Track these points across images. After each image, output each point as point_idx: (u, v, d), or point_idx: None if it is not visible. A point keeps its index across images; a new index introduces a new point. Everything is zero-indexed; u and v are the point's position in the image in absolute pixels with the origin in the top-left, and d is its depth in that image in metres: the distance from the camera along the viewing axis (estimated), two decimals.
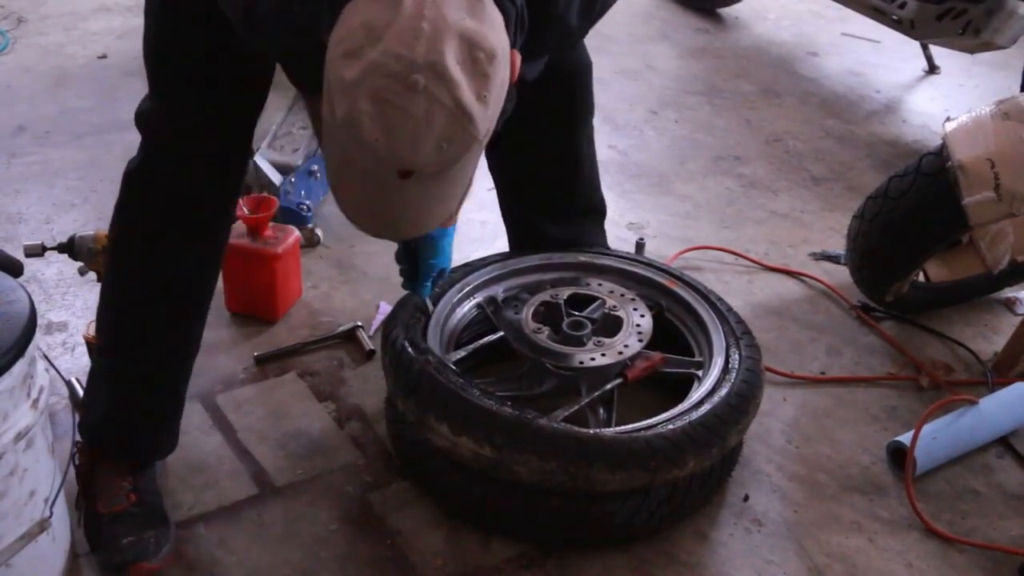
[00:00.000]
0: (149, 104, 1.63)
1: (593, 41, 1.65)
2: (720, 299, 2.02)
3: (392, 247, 1.81)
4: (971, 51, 3.33)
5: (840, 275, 2.53)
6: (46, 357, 1.59)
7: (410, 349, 1.76)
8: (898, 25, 3.30)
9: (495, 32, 1.12)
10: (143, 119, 1.65)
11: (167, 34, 1.58)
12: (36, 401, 1.45)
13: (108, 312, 1.73)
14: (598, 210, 2.24)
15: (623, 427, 1.70)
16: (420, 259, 1.77)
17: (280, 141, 2.65)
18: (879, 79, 3.84)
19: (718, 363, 1.85)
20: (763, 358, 1.91)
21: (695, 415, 1.70)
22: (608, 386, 1.84)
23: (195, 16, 1.51)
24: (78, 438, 1.70)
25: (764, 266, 2.60)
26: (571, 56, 1.89)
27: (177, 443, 1.81)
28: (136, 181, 1.67)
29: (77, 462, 1.73)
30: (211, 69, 1.57)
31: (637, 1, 4.37)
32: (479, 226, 2.59)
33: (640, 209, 2.84)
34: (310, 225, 2.54)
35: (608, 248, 2.22)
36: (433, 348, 1.80)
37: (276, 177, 2.55)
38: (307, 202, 2.54)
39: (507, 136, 1.87)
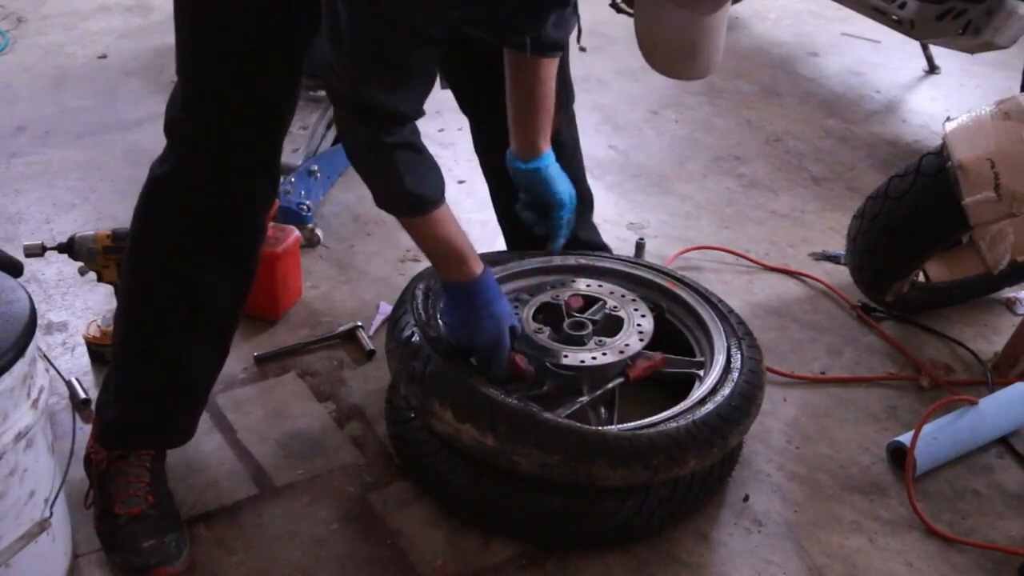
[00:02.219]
0: (182, 114, 1.63)
1: (593, 41, 1.66)
2: (721, 300, 2.02)
3: (388, 246, 1.80)
4: (971, 51, 3.33)
5: (840, 275, 2.53)
6: (46, 357, 1.59)
7: (419, 335, 1.76)
8: (898, 25, 3.30)
9: None
10: (176, 128, 1.65)
11: (204, 46, 1.59)
12: (36, 401, 1.45)
13: (129, 312, 1.74)
14: (585, 200, 2.23)
15: (625, 424, 1.70)
16: (552, 204, 1.91)
17: None
18: (879, 79, 3.84)
19: (719, 363, 1.85)
20: (764, 358, 1.91)
21: (698, 414, 1.71)
22: (609, 385, 1.84)
23: (234, 27, 1.54)
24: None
25: (764, 266, 2.60)
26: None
27: (194, 432, 1.82)
28: (165, 187, 1.66)
29: (92, 461, 1.74)
30: (247, 80, 1.58)
31: None
32: (479, 226, 2.59)
33: (640, 209, 2.85)
34: (310, 225, 2.54)
35: (602, 243, 2.24)
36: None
37: None
38: (307, 202, 2.54)
39: (497, 123, 1.87)
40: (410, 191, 1.58)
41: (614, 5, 1.42)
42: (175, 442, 1.81)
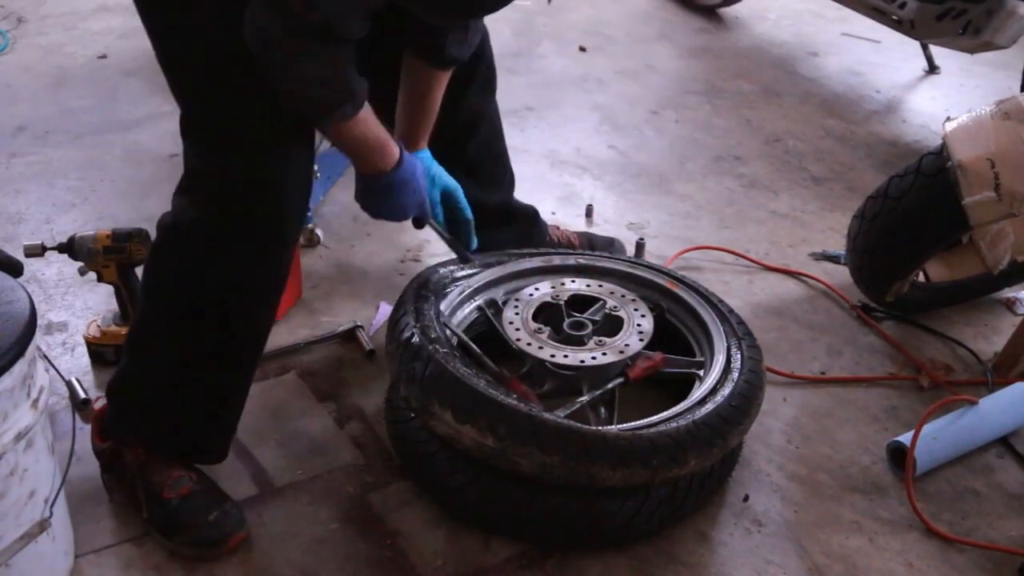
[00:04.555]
0: (204, 163, 1.58)
1: (593, 41, 1.66)
2: (721, 300, 2.02)
3: (388, 246, 1.80)
4: (971, 51, 3.33)
5: (840, 275, 2.53)
6: (46, 357, 1.59)
7: (418, 336, 1.76)
8: (898, 25, 3.31)
9: None
10: (202, 181, 1.59)
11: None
12: (36, 401, 1.45)
13: (156, 332, 1.71)
14: (511, 174, 2.34)
15: (625, 424, 1.70)
16: (459, 218, 1.93)
17: None
18: (879, 79, 3.84)
19: (719, 363, 1.85)
20: (763, 358, 1.91)
21: (698, 414, 1.71)
22: (609, 385, 1.84)
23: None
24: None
25: (764, 266, 2.60)
26: None
27: (225, 456, 1.81)
28: (200, 241, 1.62)
29: (125, 458, 1.74)
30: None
31: (637, 1, 4.37)
32: None
33: (640, 209, 2.85)
34: (310, 225, 2.54)
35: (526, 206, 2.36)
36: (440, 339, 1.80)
37: None
38: None
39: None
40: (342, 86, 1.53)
41: None
42: (207, 461, 1.80)
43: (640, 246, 2.52)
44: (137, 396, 1.75)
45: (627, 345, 1.87)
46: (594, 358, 1.83)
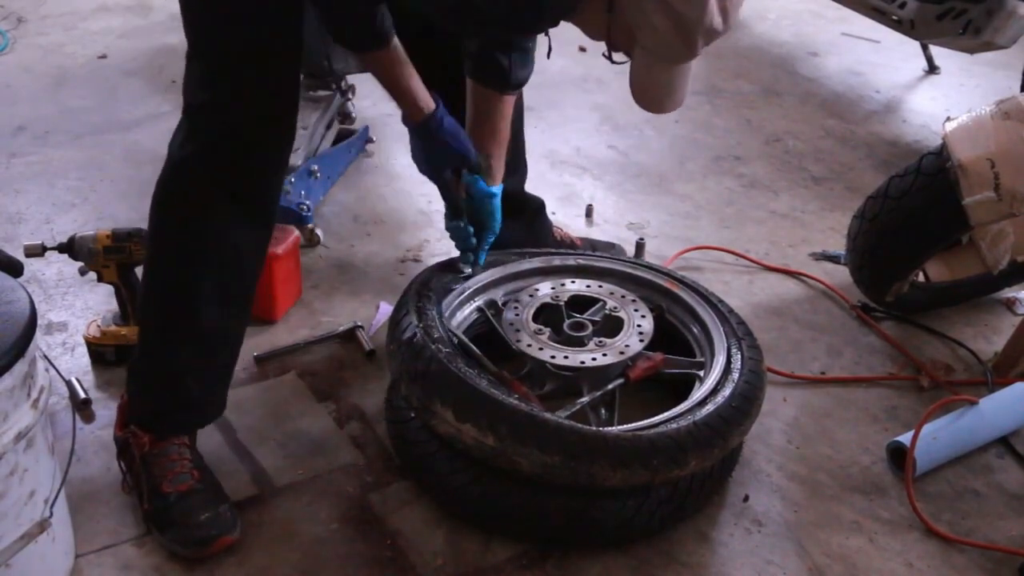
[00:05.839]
0: (206, 96, 1.67)
1: (594, 41, 1.67)
2: (721, 300, 2.02)
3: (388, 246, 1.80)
4: (971, 51, 3.33)
5: (840, 275, 2.53)
6: (46, 357, 1.59)
7: (420, 335, 1.76)
8: (898, 25, 3.30)
9: None
10: (201, 110, 1.68)
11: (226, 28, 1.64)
12: (36, 401, 1.45)
13: (160, 293, 1.77)
14: (525, 164, 2.35)
15: (626, 425, 1.70)
16: (486, 227, 1.98)
17: None
18: (879, 79, 3.84)
19: (719, 363, 1.85)
20: (764, 358, 1.91)
21: (698, 415, 1.71)
22: (609, 386, 1.84)
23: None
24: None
25: (764, 266, 2.60)
26: None
27: (225, 407, 1.87)
28: (189, 169, 1.70)
29: (130, 445, 1.75)
30: (272, 57, 1.65)
31: None
32: None
33: (640, 209, 2.85)
34: (310, 225, 2.54)
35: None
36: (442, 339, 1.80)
37: None
38: (307, 202, 2.54)
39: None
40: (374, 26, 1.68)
41: (608, 57, 1.66)
42: (210, 418, 1.85)
43: (640, 246, 2.52)
44: (138, 368, 1.80)
45: (627, 346, 1.87)
46: (594, 359, 1.83)
